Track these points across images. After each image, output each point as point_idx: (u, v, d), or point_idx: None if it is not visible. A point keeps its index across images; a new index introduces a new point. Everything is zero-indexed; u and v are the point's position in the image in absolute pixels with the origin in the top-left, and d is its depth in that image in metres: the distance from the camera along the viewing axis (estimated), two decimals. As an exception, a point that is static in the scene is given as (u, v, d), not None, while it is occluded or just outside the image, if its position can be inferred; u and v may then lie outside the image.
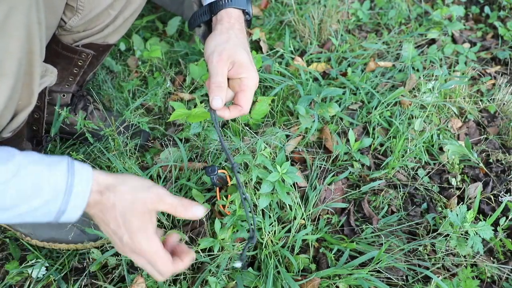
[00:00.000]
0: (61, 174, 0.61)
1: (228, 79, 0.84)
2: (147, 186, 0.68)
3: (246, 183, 1.02)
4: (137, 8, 1.05)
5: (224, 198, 0.99)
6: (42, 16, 0.71)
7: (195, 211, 0.69)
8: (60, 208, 0.62)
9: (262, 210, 1.01)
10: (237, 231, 0.98)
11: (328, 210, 1.11)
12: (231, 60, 0.82)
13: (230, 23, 0.89)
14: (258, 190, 1.02)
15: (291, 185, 1.01)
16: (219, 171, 0.96)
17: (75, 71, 1.12)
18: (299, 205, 1.03)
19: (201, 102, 1.18)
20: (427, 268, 0.98)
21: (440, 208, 1.14)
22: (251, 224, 0.87)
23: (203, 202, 1.04)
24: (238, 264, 0.90)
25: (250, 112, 1.26)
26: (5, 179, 0.57)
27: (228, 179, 1.01)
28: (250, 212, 0.86)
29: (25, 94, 0.76)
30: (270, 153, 1.05)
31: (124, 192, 0.65)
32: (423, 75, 1.44)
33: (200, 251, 0.98)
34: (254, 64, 0.86)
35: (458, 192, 1.17)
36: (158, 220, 1.02)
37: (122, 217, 0.65)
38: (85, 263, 1.00)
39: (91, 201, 0.64)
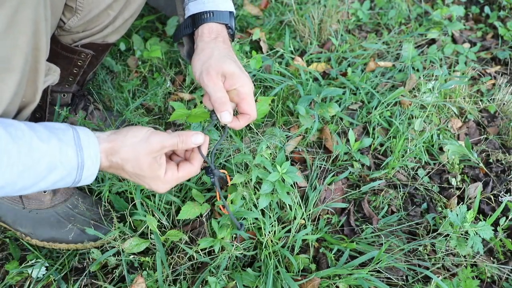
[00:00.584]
0: (72, 151, 0.67)
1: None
2: (145, 137, 0.74)
3: (246, 183, 1.02)
4: (137, 9, 1.05)
5: (224, 199, 0.99)
6: (49, 14, 0.72)
7: (194, 140, 0.78)
8: (75, 180, 0.70)
9: (262, 210, 1.01)
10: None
11: (328, 210, 1.11)
12: (220, 73, 0.84)
13: (211, 37, 0.90)
14: (258, 190, 1.02)
15: (291, 185, 1.01)
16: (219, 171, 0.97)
17: (75, 71, 1.12)
18: (299, 205, 1.03)
19: (201, 102, 1.18)
20: (427, 268, 0.98)
21: (440, 208, 1.14)
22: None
23: (203, 202, 1.04)
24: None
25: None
26: (19, 159, 0.62)
27: (228, 179, 1.01)
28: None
29: (29, 90, 0.77)
30: (270, 153, 1.05)
31: (127, 153, 0.73)
32: (423, 75, 1.44)
33: (200, 251, 0.98)
34: (243, 69, 0.87)
35: (458, 192, 1.17)
36: (158, 221, 1.02)
37: (134, 174, 0.75)
38: (85, 263, 1.00)
39: (102, 167, 0.73)
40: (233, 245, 0.96)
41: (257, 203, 0.99)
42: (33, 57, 0.72)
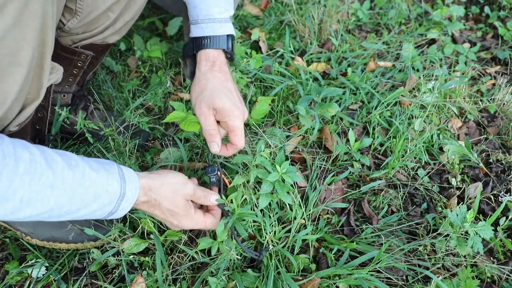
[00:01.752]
0: (116, 183, 0.73)
1: (218, 121, 0.93)
2: (182, 183, 0.85)
3: (246, 183, 1.02)
4: (137, 11, 1.05)
5: (224, 198, 0.99)
6: (55, 11, 0.73)
7: (212, 199, 0.91)
8: (112, 210, 0.74)
9: (262, 210, 1.01)
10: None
11: (328, 210, 1.11)
12: (211, 108, 0.90)
13: (207, 66, 0.94)
14: (258, 190, 1.01)
15: (291, 185, 1.01)
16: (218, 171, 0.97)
17: (75, 72, 1.12)
18: (299, 205, 1.03)
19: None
20: (427, 268, 0.98)
21: (440, 208, 1.14)
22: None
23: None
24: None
25: (250, 112, 1.26)
26: (72, 185, 0.67)
27: (227, 182, 1.01)
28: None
29: (34, 87, 0.77)
30: (270, 153, 1.05)
31: (166, 192, 0.82)
32: (423, 75, 1.44)
33: (199, 252, 0.98)
34: (237, 101, 0.92)
35: (458, 192, 1.17)
36: (158, 222, 1.02)
37: (169, 211, 0.84)
38: (85, 263, 1.00)
39: (138, 202, 0.79)
40: (231, 249, 0.95)
41: (257, 204, 0.99)
42: (40, 52, 0.72)
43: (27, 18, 0.64)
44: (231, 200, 0.95)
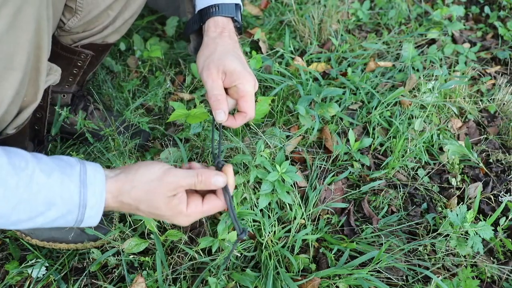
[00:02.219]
0: (74, 188, 0.62)
1: (226, 88, 0.84)
2: (158, 177, 0.67)
3: (245, 183, 1.02)
4: (137, 9, 1.05)
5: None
6: (50, 13, 0.72)
7: (215, 181, 0.70)
8: (77, 219, 0.64)
9: (261, 210, 1.01)
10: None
11: (328, 210, 1.11)
12: (221, 70, 0.82)
13: (216, 32, 0.88)
14: (258, 190, 1.01)
15: (291, 185, 1.01)
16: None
17: (74, 72, 1.12)
18: (299, 205, 1.03)
19: (200, 102, 1.18)
20: (427, 268, 0.98)
21: (440, 208, 1.14)
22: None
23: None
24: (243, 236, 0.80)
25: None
26: (18, 191, 0.58)
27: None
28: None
29: (31, 89, 0.77)
30: (270, 154, 1.05)
31: (138, 194, 0.67)
32: (423, 75, 1.43)
33: (200, 251, 0.98)
34: (248, 67, 0.85)
35: (458, 192, 1.17)
36: (158, 221, 1.02)
37: (151, 214, 0.69)
38: (85, 263, 1.00)
39: (110, 207, 0.67)
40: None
41: (257, 204, 0.99)
42: (35, 56, 0.72)
43: (21, 23, 0.64)
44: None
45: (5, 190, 0.57)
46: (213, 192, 0.74)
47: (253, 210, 1.00)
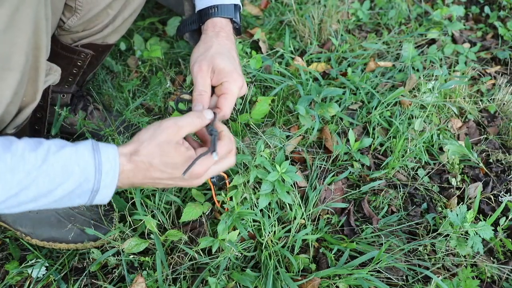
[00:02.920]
0: (88, 154, 0.64)
1: (213, 87, 0.86)
2: (157, 125, 0.71)
3: (245, 183, 1.02)
4: (136, 8, 1.05)
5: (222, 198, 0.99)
6: (49, 13, 0.72)
7: (206, 115, 0.76)
8: (94, 187, 0.65)
9: (261, 210, 1.01)
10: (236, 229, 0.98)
11: (328, 210, 1.11)
12: (211, 68, 0.84)
13: (214, 32, 0.91)
14: (258, 190, 1.01)
15: (291, 185, 1.01)
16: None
17: (74, 71, 1.12)
18: (299, 205, 1.03)
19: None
20: (427, 268, 0.98)
21: (440, 208, 1.14)
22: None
23: (204, 202, 1.04)
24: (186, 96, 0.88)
25: (250, 112, 1.26)
26: (36, 165, 0.60)
27: (227, 182, 1.00)
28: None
29: (30, 89, 0.77)
30: (270, 154, 1.05)
31: (148, 147, 0.69)
32: (423, 75, 1.43)
33: (200, 251, 0.98)
34: (240, 69, 0.87)
35: (458, 192, 1.17)
36: (158, 221, 1.02)
37: (165, 165, 0.70)
38: (85, 263, 1.00)
39: (126, 171, 0.68)
40: (232, 246, 0.96)
41: (257, 204, 0.99)
42: (34, 56, 0.72)
43: (18, 23, 0.64)
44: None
45: (25, 164, 0.59)
46: None
47: (253, 210, 1.00)
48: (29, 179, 0.59)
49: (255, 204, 1.00)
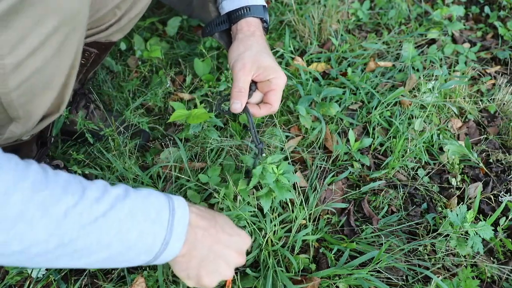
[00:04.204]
0: (161, 230, 0.60)
1: (256, 83, 0.90)
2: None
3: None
4: (142, 9, 1.05)
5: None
6: (85, 35, 0.74)
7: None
8: (158, 251, 0.60)
9: (261, 210, 1.01)
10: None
11: (328, 210, 1.11)
12: (255, 66, 0.88)
13: (250, 31, 0.94)
14: (259, 190, 1.01)
15: (292, 185, 1.01)
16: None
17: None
18: (302, 205, 1.03)
19: (201, 103, 1.18)
20: (427, 268, 0.98)
21: (440, 208, 1.14)
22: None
23: (200, 202, 1.04)
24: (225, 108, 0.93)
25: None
26: (118, 219, 0.55)
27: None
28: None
29: (56, 102, 0.79)
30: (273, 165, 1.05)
31: (215, 212, 0.71)
32: (423, 75, 1.44)
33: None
34: (279, 65, 0.91)
35: (458, 192, 1.17)
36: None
37: (228, 224, 0.72)
38: (85, 263, 1.00)
39: (194, 225, 0.64)
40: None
41: (258, 204, 0.99)
42: (68, 74, 0.74)
43: (66, 49, 0.66)
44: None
45: (119, 214, 0.55)
46: None
47: (254, 209, 1.00)
48: (112, 233, 0.55)
49: (255, 205, 1.00)
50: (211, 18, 1.02)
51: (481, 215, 1.13)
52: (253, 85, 0.90)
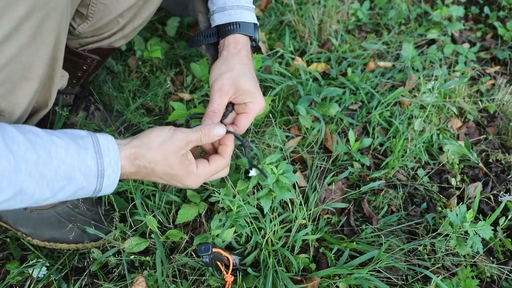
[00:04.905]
0: (90, 159, 0.64)
1: (234, 104, 0.88)
2: (169, 136, 0.72)
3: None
4: (146, 18, 1.05)
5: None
6: (68, 25, 0.73)
7: (216, 132, 0.78)
8: (96, 188, 0.67)
9: (261, 210, 1.01)
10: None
11: (328, 210, 1.11)
12: (234, 89, 0.85)
13: (236, 49, 0.91)
14: (260, 190, 1.02)
15: (293, 185, 1.01)
16: (214, 249, 0.84)
17: (79, 75, 1.12)
18: (302, 205, 1.03)
19: (200, 102, 1.18)
20: (427, 268, 0.98)
21: (440, 208, 1.14)
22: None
23: (199, 202, 1.04)
24: (253, 173, 0.91)
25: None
26: (37, 167, 0.59)
27: (230, 260, 0.92)
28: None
29: (42, 97, 0.78)
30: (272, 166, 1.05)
31: (154, 155, 0.71)
32: (423, 75, 1.44)
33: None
34: (260, 90, 0.89)
35: (458, 192, 1.17)
36: (158, 221, 1.02)
37: (166, 175, 0.73)
38: (85, 263, 1.00)
39: (127, 173, 0.70)
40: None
41: (258, 204, 0.99)
42: (51, 66, 0.73)
43: (42, 36, 0.65)
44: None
45: (27, 165, 0.58)
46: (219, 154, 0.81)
47: (252, 210, 1.00)
48: (32, 181, 0.59)
49: (255, 205, 1.00)
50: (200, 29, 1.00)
51: (480, 215, 1.13)
52: (230, 106, 0.87)
